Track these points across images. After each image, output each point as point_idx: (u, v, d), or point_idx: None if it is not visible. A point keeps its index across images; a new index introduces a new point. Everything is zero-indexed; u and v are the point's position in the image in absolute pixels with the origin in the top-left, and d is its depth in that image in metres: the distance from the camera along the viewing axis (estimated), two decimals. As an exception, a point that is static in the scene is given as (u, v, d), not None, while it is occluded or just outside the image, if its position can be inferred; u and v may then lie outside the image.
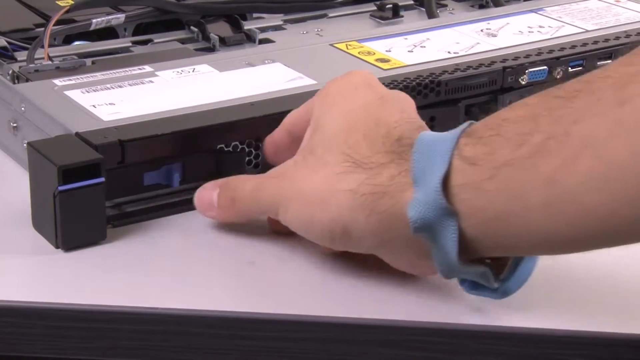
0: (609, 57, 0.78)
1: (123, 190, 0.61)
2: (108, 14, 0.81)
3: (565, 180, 0.46)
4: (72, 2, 0.82)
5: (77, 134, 0.60)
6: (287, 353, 0.54)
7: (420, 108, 0.59)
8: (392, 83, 0.69)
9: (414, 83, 0.69)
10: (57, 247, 0.58)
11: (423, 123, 0.56)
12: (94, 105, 0.64)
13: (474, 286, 0.54)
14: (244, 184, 0.59)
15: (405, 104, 0.58)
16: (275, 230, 0.60)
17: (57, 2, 0.84)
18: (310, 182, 0.55)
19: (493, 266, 0.53)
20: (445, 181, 0.50)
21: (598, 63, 0.77)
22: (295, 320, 0.54)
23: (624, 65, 0.46)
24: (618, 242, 0.48)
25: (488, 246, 0.51)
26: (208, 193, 0.61)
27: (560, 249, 0.51)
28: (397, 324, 0.54)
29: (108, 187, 0.58)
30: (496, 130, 0.49)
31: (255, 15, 0.88)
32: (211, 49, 0.81)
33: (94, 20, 0.79)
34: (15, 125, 0.67)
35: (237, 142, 0.64)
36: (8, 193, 0.65)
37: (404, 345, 0.54)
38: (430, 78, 0.70)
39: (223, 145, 0.63)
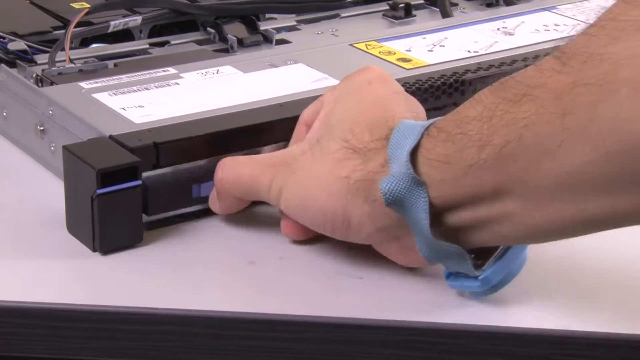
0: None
1: (171, 203, 0.61)
2: (124, 16, 0.81)
3: (533, 181, 0.50)
4: (88, 5, 0.82)
5: (111, 136, 0.60)
6: (287, 353, 0.54)
7: (443, 108, 0.59)
8: (416, 83, 0.69)
9: (438, 82, 0.70)
10: (94, 250, 0.58)
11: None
12: (123, 108, 0.64)
13: (456, 277, 0.55)
14: (240, 168, 0.60)
15: (416, 106, 0.60)
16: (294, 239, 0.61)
17: (71, 4, 0.84)
18: (311, 169, 0.57)
19: (477, 258, 0.54)
20: (422, 177, 0.52)
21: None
22: (295, 320, 0.54)
23: (559, 73, 0.49)
24: (593, 230, 0.52)
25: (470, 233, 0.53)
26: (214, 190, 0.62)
27: (542, 237, 0.53)
28: (397, 324, 0.54)
29: (155, 201, 0.58)
30: (461, 128, 0.52)
31: (267, 15, 0.88)
32: (228, 50, 0.81)
33: (112, 23, 0.79)
34: (42, 128, 0.67)
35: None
36: (37, 197, 0.65)
37: (404, 345, 0.54)
38: (454, 77, 0.71)
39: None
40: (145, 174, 0.59)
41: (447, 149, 0.52)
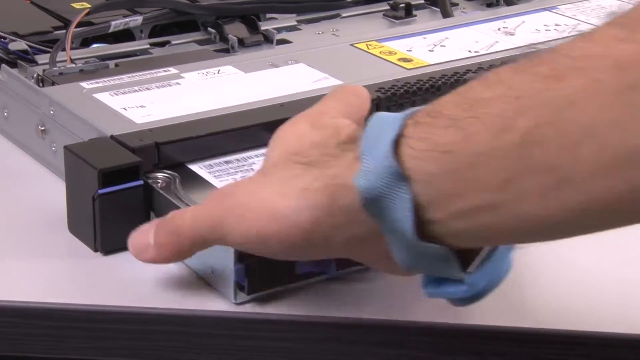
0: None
1: (273, 280, 0.55)
2: (125, 16, 0.81)
3: (566, 168, 0.42)
4: (88, 5, 0.82)
5: (112, 136, 0.60)
6: (287, 353, 0.54)
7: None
8: (417, 83, 0.69)
9: (439, 82, 0.70)
10: (95, 250, 0.58)
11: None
12: (124, 108, 0.64)
13: (438, 284, 0.49)
14: (183, 213, 0.53)
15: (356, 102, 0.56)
16: None
17: (72, 4, 0.84)
18: (257, 193, 0.50)
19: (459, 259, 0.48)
20: (407, 171, 0.45)
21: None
22: (295, 320, 0.54)
23: (622, 42, 0.41)
24: (617, 224, 0.44)
25: (463, 236, 0.46)
26: (143, 234, 0.54)
27: (548, 235, 0.46)
28: (397, 324, 0.54)
29: (255, 278, 0.54)
30: (472, 111, 0.44)
31: (268, 15, 0.88)
32: (229, 50, 0.81)
33: (112, 23, 0.79)
34: (43, 128, 0.67)
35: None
36: (38, 197, 0.65)
37: (404, 345, 0.54)
38: (455, 77, 0.71)
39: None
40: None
41: (451, 136, 0.44)
